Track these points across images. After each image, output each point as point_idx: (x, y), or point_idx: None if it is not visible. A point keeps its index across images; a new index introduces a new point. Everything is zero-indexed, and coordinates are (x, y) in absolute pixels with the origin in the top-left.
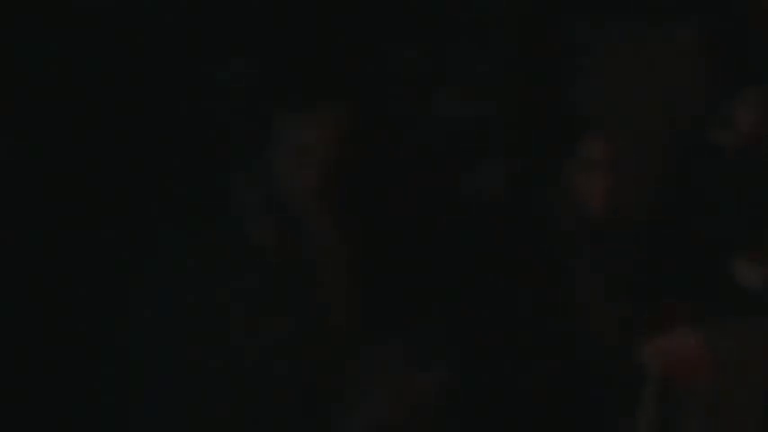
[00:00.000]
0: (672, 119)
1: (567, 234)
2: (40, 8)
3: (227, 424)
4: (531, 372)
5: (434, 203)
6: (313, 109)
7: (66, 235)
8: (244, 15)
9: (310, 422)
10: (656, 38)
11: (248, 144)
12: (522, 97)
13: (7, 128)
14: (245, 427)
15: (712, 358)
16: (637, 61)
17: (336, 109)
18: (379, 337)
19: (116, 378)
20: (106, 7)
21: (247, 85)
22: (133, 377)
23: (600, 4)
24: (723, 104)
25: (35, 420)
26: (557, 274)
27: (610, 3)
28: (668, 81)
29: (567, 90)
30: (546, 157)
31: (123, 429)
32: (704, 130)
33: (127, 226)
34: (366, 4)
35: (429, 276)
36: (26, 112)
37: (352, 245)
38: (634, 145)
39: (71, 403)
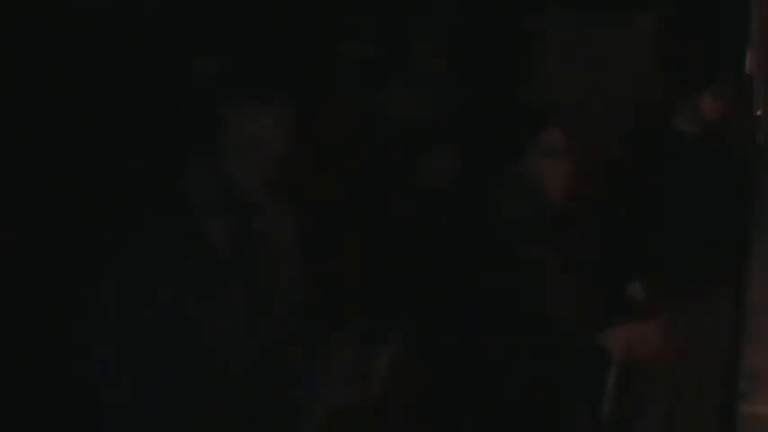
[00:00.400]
0: (632, 106)
1: (528, 221)
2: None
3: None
4: (492, 357)
5: (392, 195)
6: (268, 104)
7: (27, 235)
8: (202, 10)
9: (274, 409)
10: (616, 25)
11: (202, 139)
12: (480, 88)
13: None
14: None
15: (672, 343)
16: (597, 49)
17: (291, 104)
18: (338, 322)
19: (78, 374)
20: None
21: (203, 79)
22: (95, 372)
23: None
24: (688, 93)
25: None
26: (517, 261)
27: None
28: (628, 68)
29: (527, 79)
30: (506, 146)
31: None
32: (666, 118)
33: (82, 225)
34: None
35: (389, 265)
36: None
37: (308, 237)
38: (594, 132)
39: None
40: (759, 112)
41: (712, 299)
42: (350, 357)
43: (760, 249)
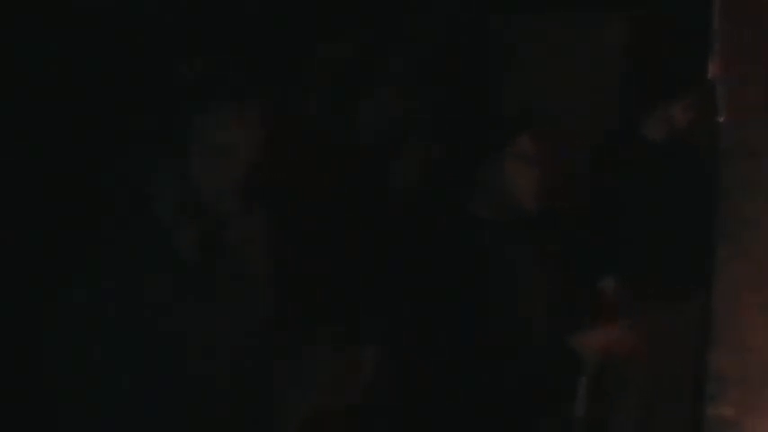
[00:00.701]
0: (602, 113)
1: (501, 224)
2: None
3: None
4: (467, 359)
5: (368, 198)
6: (234, 109)
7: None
8: (167, 14)
9: (247, 417)
10: (588, 34)
11: (167, 145)
12: (450, 95)
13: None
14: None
15: (645, 346)
16: (566, 54)
17: (258, 109)
18: (311, 328)
19: (46, 382)
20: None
21: (167, 84)
22: (62, 380)
23: None
24: (659, 101)
25: None
26: (491, 263)
27: None
28: (600, 75)
29: (496, 85)
30: (480, 151)
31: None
32: (635, 124)
33: (46, 229)
34: (290, 3)
35: (366, 267)
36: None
37: (276, 244)
38: (564, 137)
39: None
40: (722, 118)
41: (681, 301)
42: (329, 359)
43: (722, 252)
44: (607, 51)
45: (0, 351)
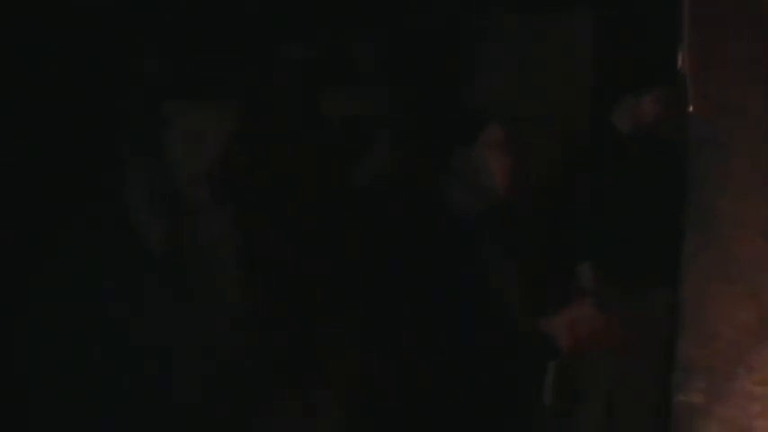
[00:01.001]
0: (572, 104)
1: (475, 213)
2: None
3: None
4: (442, 351)
5: (330, 196)
6: (210, 104)
7: None
8: (140, 7)
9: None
10: (556, 26)
11: (139, 133)
12: (415, 89)
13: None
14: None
15: (614, 332)
16: (537, 48)
17: (229, 102)
18: (279, 328)
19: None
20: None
21: (140, 74)
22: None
23: None
24: (628, 94)
25: None
26: (465, 253)
27: None
28: (568, 68)
29: (463, 81)
30: (451, 142)
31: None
32: (604, 117)
33: (15, 220)
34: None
35: (330, 266)
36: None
37: (245, 234)
38: (536, 126)
39: None
40: (691, 110)
41: (650, 290)
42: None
43: (691, 243)
44: (578, 46)
45: None
